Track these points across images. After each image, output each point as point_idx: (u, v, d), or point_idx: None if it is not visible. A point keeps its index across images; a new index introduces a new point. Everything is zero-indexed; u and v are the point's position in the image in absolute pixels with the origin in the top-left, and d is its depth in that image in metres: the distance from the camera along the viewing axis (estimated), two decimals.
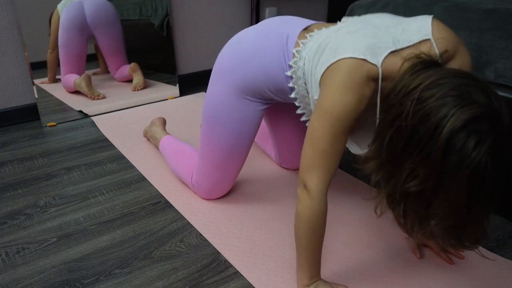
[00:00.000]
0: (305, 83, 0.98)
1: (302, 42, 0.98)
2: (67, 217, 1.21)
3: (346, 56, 0.83)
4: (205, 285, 0.97)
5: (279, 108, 1.29)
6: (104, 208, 1.25)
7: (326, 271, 1.00)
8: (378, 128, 0.80)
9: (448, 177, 0.67)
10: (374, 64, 0.81)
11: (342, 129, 0.84)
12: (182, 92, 2.23)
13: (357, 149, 0.97)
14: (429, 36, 0.83)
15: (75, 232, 1.15)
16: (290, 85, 1.01)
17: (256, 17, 2.38)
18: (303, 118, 1.08)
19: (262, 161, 1.51)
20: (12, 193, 1.32)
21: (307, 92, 0.99)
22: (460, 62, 0.85)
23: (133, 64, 2.06)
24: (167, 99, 2.13)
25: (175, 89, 2.18)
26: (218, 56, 1.14)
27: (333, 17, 2.67)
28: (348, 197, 1.29)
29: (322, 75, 0.87)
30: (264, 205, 1.25)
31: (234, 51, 1.09)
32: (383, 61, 0.82)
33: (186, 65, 2.28)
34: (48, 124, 1.83)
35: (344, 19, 0.99)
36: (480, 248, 1.07)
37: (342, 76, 0.82)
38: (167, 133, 1.51)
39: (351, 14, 1.60)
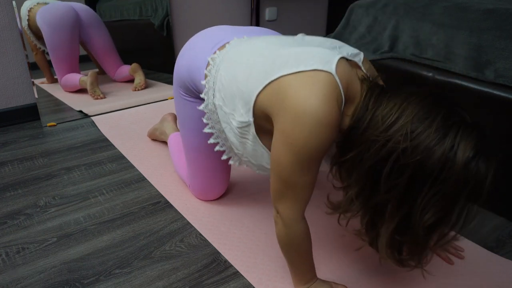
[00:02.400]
0: (214, 101, 0.91)
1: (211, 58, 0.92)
2: (67, 217, 1.21)
3: (291, 71, 0.72)
4: (205, 285, 0.97)
5: None
6: (104, 208, 1.25)
7: (326, 271, 1.00)
8: (356, 167, 0.72)
9: (462, 198, 0.67)
10: (328, 72, 0.71)
11: (313, 158, 0.73)
12: None
13: None
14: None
15: (75, 232, 1.15)
16: (202, 95, 0.96)
17: (256, 17, 2.38)
18: (217, 148, 1.02)
19: None
20: (12, 193, 1.33)
21: (218, 116, 0.91)
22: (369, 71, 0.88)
23: (134, 65, 2.06)
24: (167, 99, 2.13)
25: None
26: None
27: (333, 17, 2.67)
28: None
29: (259, 95, 0.77)
30: (264, 204, 1.25)
31: (186, 45, 1.06)
32: (336, 68, 0.72)
33: None
34: (48, 124, 1.83)
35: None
36: (482, 250, 1.07)
37: (300, 94, 0.70)
38: (177, 130, 1.50)
39: (351, 14, 1.59)
